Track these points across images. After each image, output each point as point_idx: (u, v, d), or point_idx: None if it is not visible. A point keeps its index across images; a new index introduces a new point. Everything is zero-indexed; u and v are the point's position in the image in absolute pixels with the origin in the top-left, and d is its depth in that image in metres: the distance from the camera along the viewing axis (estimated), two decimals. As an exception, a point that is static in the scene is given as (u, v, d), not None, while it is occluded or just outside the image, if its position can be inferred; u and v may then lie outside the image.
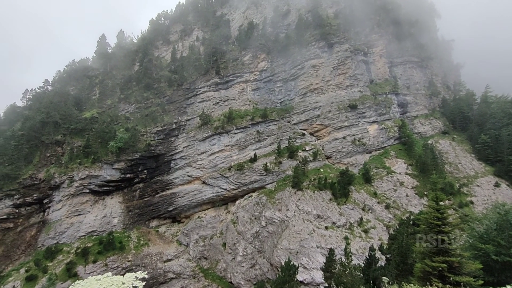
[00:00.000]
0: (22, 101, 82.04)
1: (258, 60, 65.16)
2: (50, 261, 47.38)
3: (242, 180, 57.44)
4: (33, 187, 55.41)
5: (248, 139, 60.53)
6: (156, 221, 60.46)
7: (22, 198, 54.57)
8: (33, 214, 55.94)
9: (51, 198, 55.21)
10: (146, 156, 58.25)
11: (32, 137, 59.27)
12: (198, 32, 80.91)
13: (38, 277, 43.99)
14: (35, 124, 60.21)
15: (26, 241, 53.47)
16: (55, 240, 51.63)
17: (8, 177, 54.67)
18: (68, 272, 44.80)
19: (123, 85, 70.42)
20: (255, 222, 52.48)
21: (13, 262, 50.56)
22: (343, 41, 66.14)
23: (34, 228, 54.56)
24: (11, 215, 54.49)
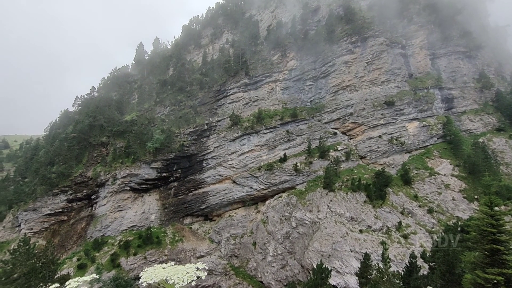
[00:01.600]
0: (73, 106, 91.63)
1: (287, 59, 64.42)
2: (97, 252, 51.92)
3: (271, 180, 57.26)
4: (83, 184, 61.32)
5: (277, 139, 60.17)
6: (189, 218, 62.99)
7: (74, 194, 60.74)
8: (83, 208, 61.93)
9: (97, 194, 60.56)
10: (180, 156, 60.97)
11: (82, 139, 65.64)
12: (227, 34, 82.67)
13: (87, 265, 48.50)
14: (84, 127, 66.63)
15: (78, 232, 59.35)
16: (101, 232, 56.46)
17: (62, 175, 61.28)
18: (113, 262, 48.66)
19: (158, 89, 74.66)
20: (285, 222, 51.93)
21: (67, 251, 56.44)
22: (378, 34, 62.41)
23: (84, 221, 60.33)
24: (65, 209, 61.04)
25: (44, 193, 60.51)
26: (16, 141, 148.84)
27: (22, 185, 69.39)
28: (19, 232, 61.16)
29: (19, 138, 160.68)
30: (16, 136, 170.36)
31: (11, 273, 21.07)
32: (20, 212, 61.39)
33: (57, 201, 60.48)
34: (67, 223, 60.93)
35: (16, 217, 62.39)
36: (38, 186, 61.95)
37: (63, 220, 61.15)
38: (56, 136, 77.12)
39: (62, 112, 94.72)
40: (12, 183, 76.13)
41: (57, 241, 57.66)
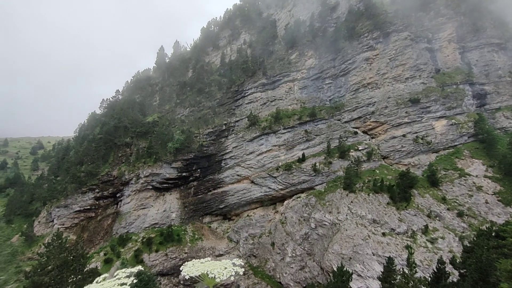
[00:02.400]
0: (100, 109, 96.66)
1: (305, 57, 63.49)
2: (122, 247, 54.34)
3: (290, 180, 56.74)
4: (109, 182, 64.46)
5: (295, 139, 59.50)
6: (208, 217, 64.06)
7: (101, 192, 64.02)
8: (109, 206, 65.09)
9: (122, 193, 63.38)
10: (199, 156, 62.19)
11: (108, 140, 69.03)
12: (245, 35, 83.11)
13: (113, 260, 50.88)
14: (109, 128, 70.02)
15: (104, 228, 62.48)
16: (126, 229, 59.01)
17: (90, 174, 64.82)
18: (136, 258, 50.69)
19: (178, 90, 76.69)
20: (304, 223, 51.21)
21: (95, 246, 59.60)
22: (402, 28, 59.69)
23: (110, 218, 63.39)
24: (93, 206, 64.52)
25: (74, 191, 64.37)
26: (49, 142, 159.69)
27: (55, 183, 74.20)
28: (52, 227, 65.54)
29: (52, 139, 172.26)
30: (50, 138, 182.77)
31: (45, 265, 22.64)
32: (53, 208, 65.76)
33: (85, 198, 64.10)
34: (95, 219, 64.36)
35: (49, 213, 66.91)
36: (69, 184, 66.02)
37: (91, 217, 64.66)
38: (85, 137, 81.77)
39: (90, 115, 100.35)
40: (46, 181, 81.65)
41: (86, 236, 61.06)
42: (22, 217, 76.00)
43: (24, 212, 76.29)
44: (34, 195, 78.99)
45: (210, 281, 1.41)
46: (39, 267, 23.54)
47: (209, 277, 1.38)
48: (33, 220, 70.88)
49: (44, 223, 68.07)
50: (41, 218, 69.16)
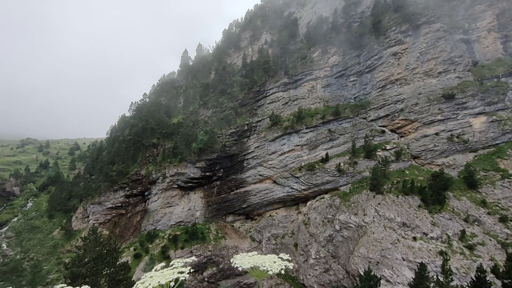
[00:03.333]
0: (129, 112, 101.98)
1: (328, 55, 61.92)
2: (150, 244, 56.83)
3: (313, 180, 55.67)
4: (138, 181, 67.78)
5: (319, 138, 58.26)
6: (231, 216, 64.87)
7: (130, 190, 67.51)
8: (138, 203, 68.44)
9: (150, 191, 66.30)
10: (222, 156, 63.19)
11: (136, 141, 72.63)
12: (266, 35, 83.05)
13: (142, 255, 53.41)
14: (138, 130, 73.63)
15: (134, 225, 65.81)
16: (153, 226, 61.62)
17: (121, 173, 68.62)
18: (163, 254, 52.71)
19: (202, 92, 78.61)
20: (328, 225, 49.97)
21: (125, 241, 62.95)
22: (434, 20, 55.95)
23: (139, 215, 66.63)
24: (123, 204, 68.25)
25: (107, 189, 68.55)
26: (84, 144, 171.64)
27: (90, 181, 79.58)
28: (87, 222, 70.36)
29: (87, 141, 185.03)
30: (85, 139, 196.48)
31: (83, 258, 24.35)
32: (88, 205, 70.57)
33: (117, 196, 67.97)
34: (125, 216, 68.02)
35: (85, 209, 71.89)
36: (102, 182, 70.46)
37: (122, 214, 68.43)
38: (116, 139, 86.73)
39: (120, 117, 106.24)
40: (82, 180, 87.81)
41: (117, 231, 64.73)
42: (61, 213, 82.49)
43: (64, 208, 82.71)
44: (72, 193, 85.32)
45: (261, 273, 1.40)
46: (77, 259, 25.37)
47: (260, 269, 1.37)
48: (71, 216, 76.62)
49: (81, 218, 73.26)
50: (78, 214, 74.53)
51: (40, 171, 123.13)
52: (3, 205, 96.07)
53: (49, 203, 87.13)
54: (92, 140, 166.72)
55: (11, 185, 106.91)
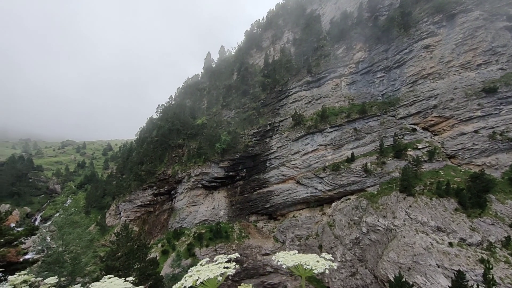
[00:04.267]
0: (156, 114, 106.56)
1: (354, 51, 59.72)
2: (176, 241, 58.87)
3: (338, 181, 54.04)
4: (164, 181, 70.57)
5: (343, 138, 56.43)
6: (254, 216, 65.10)
7: (158, 189, 70.47)
8: (165, 202, 71.26)
9: (176, 190, 68.70)
10: (245, 156, 63.64)
11: (163, 142, 75.66)
12: (288, 34, 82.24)
13: (169, 252, 55.48)
14: (164, 131, 76.67)
15: (161, 222, 68.62)
16: (179, 224, 63.75)
17: (149, 173, 71.89)
18: (189, 251, 54.32)
19: (224, 93, 79.86)
20: (355, 227, 48.21)
21: (154, 238, 65.84)
22: (471, 8, 51.61)
23: (166, 213, 69.35)
24: (152, 202, 71.45)
25: (137, 188, 72.20)
26: (116, 145, 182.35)
27: (121, 180, 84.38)
28: (119, 219, 74.65)
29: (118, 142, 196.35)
30: (117, 140, 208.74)
31: (116, 252, 25.87)
32: (120, 202, 74.86)
33: (146, 194, 71.32)
34: (153, 213, 71.17)
35: (117, 206, 76.34)
36: (132, 181, 74.36)
37: (150, 211, 71.66)
38: (144, 140, 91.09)
39: (148, 119, 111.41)
40: (114, 179, 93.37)
41: (146, 228, 67.93)
42: (97, 209, 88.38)
43: (98, 205, 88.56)
44: (105, 191, 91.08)
45: (305, 272, 1.35)
46: (111, 253, 26.98)
47: (304, 268, 1.32)
48: (105, 212, 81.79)
49: (114, 215, 77.91)
50: (111, 211, 79.34)
51: (78, 170, 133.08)
52: (46, 201, 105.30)
53: (86, 200, 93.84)
54: (123, 141, 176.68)
55: (53, 183, 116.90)
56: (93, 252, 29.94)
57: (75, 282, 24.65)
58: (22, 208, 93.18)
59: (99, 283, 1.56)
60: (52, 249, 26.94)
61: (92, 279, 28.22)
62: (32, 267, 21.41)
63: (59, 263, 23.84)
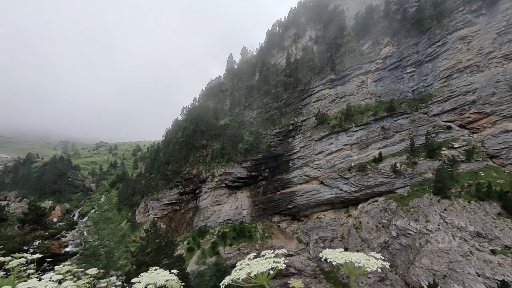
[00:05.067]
0: (181, 115, 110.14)
1: (381, 46, 57.08)
2: (201, 239, 60.33)
3: (364, 182, 51.97)
4: (190, 180, 72.71)
5: (370, 137, 54.14)
6: (277, 216, 64.75)
7: (183, 188, 72.77)
8: (190, 201, 73.39)
9: (200, 190, 70.45)
10: (267, 156, 63.55)
11: (188, 143, 78.02)
12: (310, 31, 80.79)
13: (194, 249, 57.02)
14: (189, 132, 79.02)
15: (187, 220, 70.76)
16: (204, 222, 65.26)
17: (175, 172, 74.50)
18: (213, 249, 55.39)
19: (246, 94, 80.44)
20: (383, 230, 46.04)
21: (180, 235, 68.06)
22: (515, -7, 46.93)
23: (191, 212, 71.39)
24: (177, 200, 73.94)
25: (164, 187, 75.18)
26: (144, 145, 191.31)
27: (149, 179, 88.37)
28: (148, 216, 78.19)
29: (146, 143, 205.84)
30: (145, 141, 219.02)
31: (146, 247, 27.15)
32: (148, 200, 78.43)
33: (172, 193, 73.98)
34: (179, 212, 73.62)
35: (146, 204, 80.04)
36: (160, 181, 77.56)
37: (176, 210, 74.21)
38: (170, 141, 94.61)
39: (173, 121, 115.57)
40: (143, 178, 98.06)
41: (172, 226, 70.46)
42: (127, 207, 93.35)
43: (129, 203, 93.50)
44: (135, 189, 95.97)
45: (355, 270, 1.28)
46: (141, 248, 28.33)
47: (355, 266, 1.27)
48: (135, 210, 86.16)
49: (143, 212, 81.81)
50: (140, 208, 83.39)
51: (110, 170, 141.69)
52: (83, 198, 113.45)
53: (118, 198, 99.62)
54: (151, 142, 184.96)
55: (89, 181, 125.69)
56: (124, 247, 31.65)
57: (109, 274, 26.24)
58: (62, 205, 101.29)
59: (147, 273, 1.68)
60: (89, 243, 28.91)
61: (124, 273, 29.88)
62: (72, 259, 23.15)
63: (95, 256, 25.51)
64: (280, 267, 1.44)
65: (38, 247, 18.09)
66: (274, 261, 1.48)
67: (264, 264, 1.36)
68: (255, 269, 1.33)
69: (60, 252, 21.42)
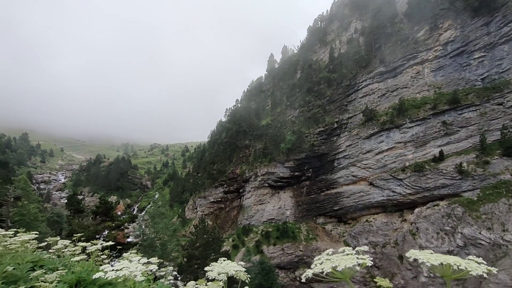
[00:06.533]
0: (224, 117, 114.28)
1: (440, 31, 50.65)
2: (245, 237, 61.60)
3: (422, 183, 46.78)
4: (233, 179, 74.94)
5: (428, 133, 48.50)
6: (322, 218, 62.51)
7: (228, 187, 75.34)
8: (234, 199, 75.63)
9: (244, 189, 72.05)
10: (311, 155, 61.82)
11: (231, 143, 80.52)
12: (355, 23, 76.02)
13: (239, 247, 58.50)
14: (232, 133, 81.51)
15: (231, 218, 73.09)
16: (248, 221, 66.52)
17: (220, 172, 77.59)
18: (257, 248, 56.06)
19: (288, 93, 79.53)
20: (446, 238, 40.84)
21: (225, 232, 70.59)
22: None
23: (235, 210, 73.51)
24: (222, 199, 76.87)
25: (210, 185, 78.94)
26: (192, 146, 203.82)
27: (197, 178, 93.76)
28: (196, 213, 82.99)
29: (194, 144, 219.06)
30: (192, 143, 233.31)
31: (195, 242, 28.83)
32: (196, 198, 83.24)
33: (217, 192, 77.21)
34: (224, 210, 76.46)
35: (194, 201, 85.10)
36: (206, 179, 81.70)
37: (222, 208, 77.21)
38: (215, 142, 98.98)
39: (218, 122, 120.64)
40: (191, 177, 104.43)
41: (218, 223, 73.49)
42: (178, 203, 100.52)
43: (179, 200, 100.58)
44: (184, 187, 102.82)
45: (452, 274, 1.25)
46: (190, 243, 30.14)
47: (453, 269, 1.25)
48: (184, 206, 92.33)
49: (191, 209, 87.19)
50: (189, 205, 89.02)
51: (162, 169, 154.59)
52: (141, 195, 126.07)
53: (170, 195, 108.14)
54: (197, 143, 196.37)
55: (145, 180, 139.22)
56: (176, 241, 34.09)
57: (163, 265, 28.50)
58: (124, 200, 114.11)
59: (217, 263, 1.77)
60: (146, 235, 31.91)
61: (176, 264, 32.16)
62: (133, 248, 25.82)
63: (152, 247, 27.99)
64: (368, 263, 1.34)
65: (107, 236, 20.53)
66: (359, 258, 1.33)
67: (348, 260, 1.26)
68: (341, 264, 1.27)
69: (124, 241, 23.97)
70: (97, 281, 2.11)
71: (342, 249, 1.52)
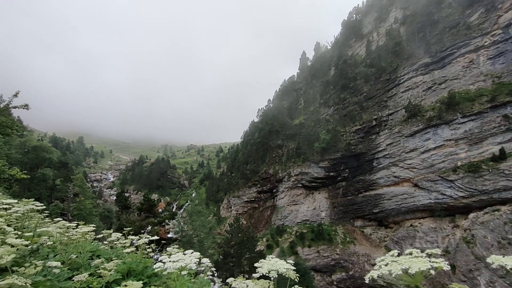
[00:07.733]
0: (257, 117, 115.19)
1: (498, 12, 44.63)
2: (279, 237, 61.19)
3: (477, 186, 41.70)
4: (267, 179, 75.03)
5: (485, 129, 43.05)
6: (360, 221, 59.36)
7: (261, 187, 75.67)
8: (268, 199, 75.67)
9: (277, 189, 71.70)
10: (347, 155, 59.13)
11: (264, 143, 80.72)
12: (396, 12, 70.83)
13: (273, 247, 58.31)
14: (265, 133, 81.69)
15: (265, 218, 73.23)
16: (282, 221, 66.01)
17: (253, 172, 78.29)
18: (292, 249, 55.28)
19: (322, 91, 77.15)
20: (510, 248, 35.84)
21: (259, 232, 70.93)
22: None
23: (269, 210, 73.50)
24: (256, 198, 77.44)
25: (243, 185, 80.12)
26: (226, 147, 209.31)
27: (231, 178, 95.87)
28: (230, 212, 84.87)
29: (227, 144, 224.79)
30: (226, 143, 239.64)
31: (230, 240, 29.48)
32: (230, 197, 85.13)
33: (251, 191, 78.03)
34: (258, 209, 76.95)
35: (228, 201, 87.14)
36: (239, 179, 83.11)
37: (255, 207, 77.81)
38: (248, 142, 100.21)
39: (250, 123, 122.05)
40: (226, 177, 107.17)
41: (252, 222, 74.20)
42: (213, 202, 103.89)
43: (215, 199, 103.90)
44: (219, 187, 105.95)
45: None
46: (226, 241, 30.87)
47: None
48: (219, 205, 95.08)
49: (226, 208, 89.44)
50: (224, 204, 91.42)
51: (199, 169, 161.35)
52: (179, 193, 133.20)
53: (206, 194, 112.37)
54: (231, 144, 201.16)
55: (183, 179, 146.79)
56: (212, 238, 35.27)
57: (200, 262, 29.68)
58: (164, 198, 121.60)
59: (266, 260, 1.76)
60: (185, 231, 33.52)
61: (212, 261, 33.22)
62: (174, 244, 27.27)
63: (190, 243, 29.31)
64: (445, 268, 1.20)
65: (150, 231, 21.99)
66: (431, 261, 1.18)
67: (420, 263, 1.17)
68: (413, 266, 1.13)
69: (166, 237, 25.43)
70: (145, 271, 2.22)
71: (409, 251, 1.31)
